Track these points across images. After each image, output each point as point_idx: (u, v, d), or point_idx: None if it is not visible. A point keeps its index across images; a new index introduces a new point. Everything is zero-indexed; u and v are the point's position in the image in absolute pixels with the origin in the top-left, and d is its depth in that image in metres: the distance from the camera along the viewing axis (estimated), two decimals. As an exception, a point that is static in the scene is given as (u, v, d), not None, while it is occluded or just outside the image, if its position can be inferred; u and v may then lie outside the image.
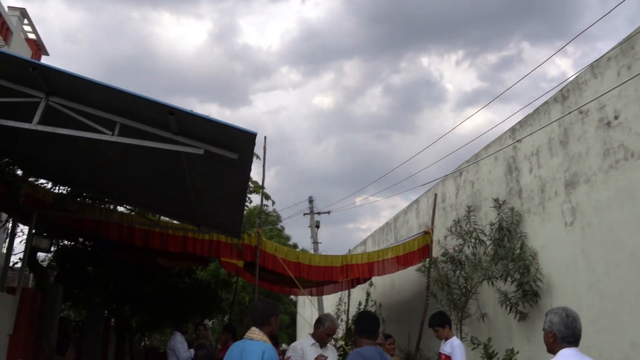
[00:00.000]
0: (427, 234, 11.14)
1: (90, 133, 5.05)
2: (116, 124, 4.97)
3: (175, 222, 9.46)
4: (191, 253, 9.52)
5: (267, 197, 9.96)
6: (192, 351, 9.15)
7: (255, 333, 4.22)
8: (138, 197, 8.51)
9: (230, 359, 4.21)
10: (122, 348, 15.03)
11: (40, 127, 4.91)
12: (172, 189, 7.14)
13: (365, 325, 4.32)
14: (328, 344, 5.68)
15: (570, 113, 7.85)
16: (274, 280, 11.91)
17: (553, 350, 3.53)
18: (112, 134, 4.95)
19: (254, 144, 4.75)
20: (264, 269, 10.14)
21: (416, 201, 13.68)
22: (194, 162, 5.72)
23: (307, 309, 14.66)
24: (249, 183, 10.34)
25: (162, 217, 9.72)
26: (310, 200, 22.46)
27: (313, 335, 5.58)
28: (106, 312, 13.55)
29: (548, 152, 8.31)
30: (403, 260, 10.87)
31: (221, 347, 9.32)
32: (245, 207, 10.20)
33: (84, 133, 5.09)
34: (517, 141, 8.80)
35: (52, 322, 8.79)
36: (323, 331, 5.52)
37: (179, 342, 9.08)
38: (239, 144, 4.88)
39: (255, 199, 11.34)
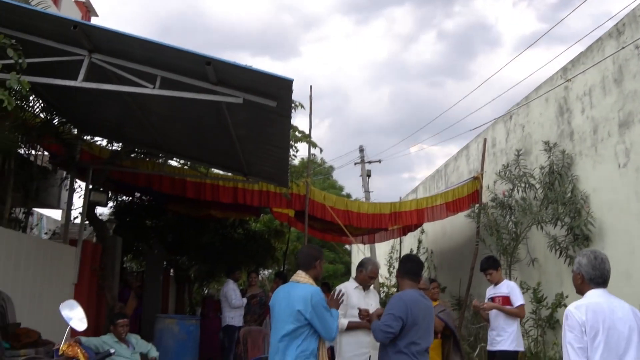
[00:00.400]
0: (477, 179, 10.98)
1: (133, 87, 5.17)
2: (157, 77, 5.04)
3: (224, 173, 9.67)
4: (242, 204, 9.73)
5: (314, 145, 10.00)
6: (245, 299, 9.42)
7: (301, 276, 4.30)
8: (187, 150, 8.71)
9: (277, 301, 4.31)
10: (181, 297, 15.71)
11: (85, 84, 5.06)
12: (218, 140, 7.25)
13: (409, 266, 4.41)
14: (370, 287, 5.78)
15: (624, 48, 7.47)
16: (324, 229, 12.06)
17: (581, 291, 3.55)
18: (153, 87, 5.04)
19: (291, 90, 4.75)
20: (313, 218, 10.26)
21: (466, 147, 13.45)
22: (235, 112, 5.78)
23: (360, 258, 14.83)
24: (296, 133, 10.40)
25: (211, 169, 9.97)
26: (361, 150, 22.33)
27: (356, 278, 5.68)
28: (165, 263, 14.12)
29: (601, 91, 7.98)
30: (452, 206, 10.80)
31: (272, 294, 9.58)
32: (293, 157, 10.33)
33: (126, 87, 5.22)
34: (567, 80, 8.47)
35: (113, 272, 9.24)
36: (366, 274, 5.62)
37: (230, 289, 9.34)
38: (276, 91, 4.89)
39: (303, 149, 11.38)
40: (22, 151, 7.82)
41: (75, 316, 3.60)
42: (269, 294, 9.74)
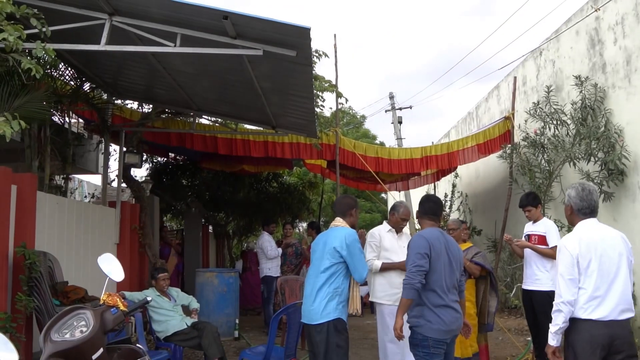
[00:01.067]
0: (508, 119, 10.84)
1: (154, 47, 5.24)
2: (177, 35, 5.07)
3: (254, 127, 9.71)
4: (273, 157, 9.83)
5: (340, 95, 9.94)
6: (280, 250, 9.58)
7: (338, 222, 4.66)
8: (216, 107, 8.75)
9: (316, 247, 4.67)
10: (221, 252, 16.11)
11: (109, 48, 5.13)
12: (244, 95, 7.28)
13: (427, 206, 4.47)
14: (403, 230, 5.89)
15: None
16: (357, 177, 12.13)
17: (573, 222, 3.73)
18: (174, 45, 5.08)
19: (309, 39, 4.72)
20: (345, 167, 10.33)
21: (496, 87, 13.16)
22: (257, 65, 5.78)
23: None
24: (323, 82, 10.35)
25: (241, 124, 10.02)
26: (391, 97, 22.03)
27: (389, 222, 5.81)
28: (203, 220, 14.45)
29: (634, 19, 7.67)
30: (484, 147, 10.72)
31: (308, 244, 9.73)
32: (322, 108, 10.30)
33: (148, 48, 5.30)
34: (597, 10, 8.16)
35: (153, 231, 9.53)
36: (397, 217, 5.74)
37: (266, 241, 9.54)
38: (295, 40, 4.87)
39: (330, 100, 11.31)
40: (56, 119, 8.00)
41: (113, 268, 3.77)
42: (303, 247, 9.93)
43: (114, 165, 10.38)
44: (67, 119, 8.28)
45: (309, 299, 4.45)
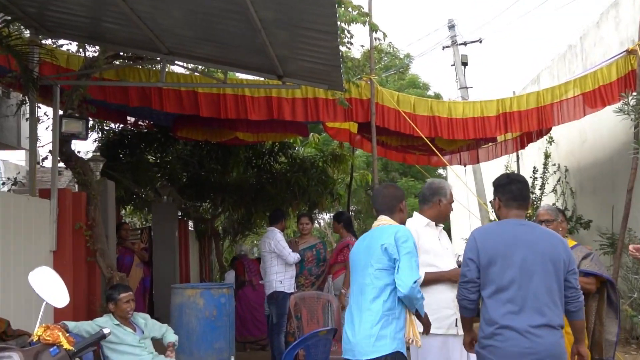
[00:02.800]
0: (633, 53, 10.48)
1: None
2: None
3: (253, 78, 9.67)
4: (280, 119, 9.77)
5: (376, 27, 9.75)
6: (297, 255, 9.39)
7: (383, 220, 4.89)
8: (194, 48, 8.64)
9: (357, 255, 4.88)
10: (207, 258, 16.10)
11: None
12: (235, 30, 7.19)
13: (515, 188, 4.55)
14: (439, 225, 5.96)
15: None
16: (403, 146, 12.09)
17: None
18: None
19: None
20: (385, 131, 10.27)
21: (614, 4, 12.84)
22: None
23: (459, 186, 14.42)
24: (350, 9, 10.17)
25: (232, 73, 9.94)
26: (451, 26, 21.72)
27: (426, 211, 5.77)
28: (180, 213, 14.43)
29: None
30: (594, 98, 10.45)
31: (336, 248, 9.60)
32: (349, 47, 10.16)
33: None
34: None
35: (107, 231, 9.41)
36: (446, 203, 5.77)
37: (280, 241, 9.32)
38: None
39: (361, 34, 11.01)
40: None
41: (51, 287, 3.73)
42: (327, 251, 9.82)
43: (46, 136, 10.38)
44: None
45: (353, 325, 4.61)
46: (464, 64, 21.79)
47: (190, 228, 15.66)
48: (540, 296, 4.14)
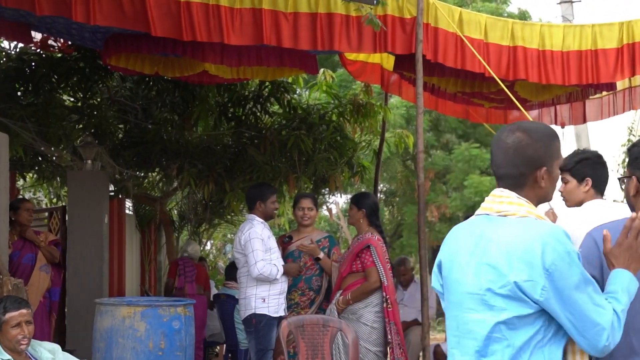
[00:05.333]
0: None
1: None
2: None
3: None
4: (273, 45, 9.16)
5: None
6: (273, 268, 8.98)
7: (506, 199, 3.69)
8: None
9: (455, 258, 3.76)
10: (153, 259, 16.04)
11: None
12: None
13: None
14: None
15: None
16: (465, 95, 11.53)
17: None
18: None
19: None
20: (438, 68, 9.60)
21: None
22: None
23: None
24: None
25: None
26: None
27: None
28: (112, 186, 14.02)
29: None
30: None
31: (350, 250, 9.38)
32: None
33: None
34: None
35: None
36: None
37: (253, 238, 8.97)
38: None
39: None
40: None
41: None
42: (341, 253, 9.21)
43: None
44: None
45: None
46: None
47: (128, 211, 15.35)
48: None
